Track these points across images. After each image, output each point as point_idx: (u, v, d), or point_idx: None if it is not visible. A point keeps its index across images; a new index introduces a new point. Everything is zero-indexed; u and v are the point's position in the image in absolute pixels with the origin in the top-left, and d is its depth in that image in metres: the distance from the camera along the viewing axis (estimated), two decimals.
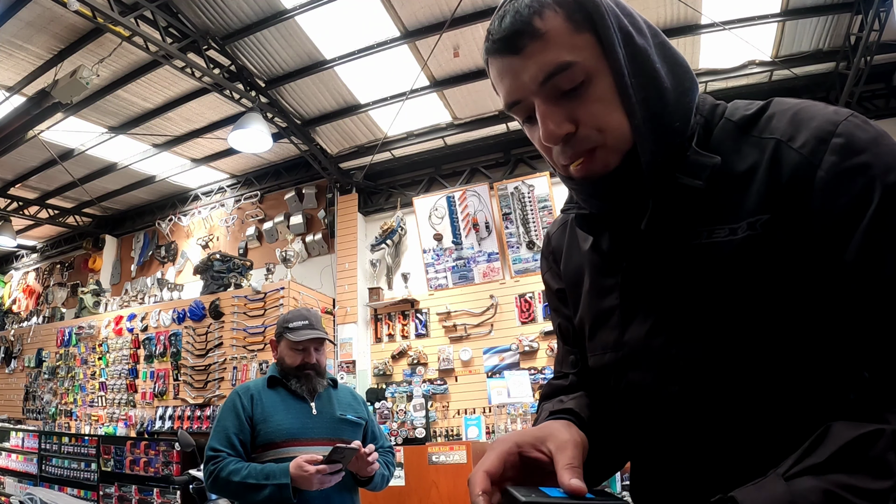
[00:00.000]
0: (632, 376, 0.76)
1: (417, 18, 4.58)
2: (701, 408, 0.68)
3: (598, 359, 0.82)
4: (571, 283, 0.88)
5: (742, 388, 0.66)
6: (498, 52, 0.70)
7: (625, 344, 0.76)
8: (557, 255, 0.93)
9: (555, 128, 0.67)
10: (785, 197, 0.63)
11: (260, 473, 1.92)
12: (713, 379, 0.67)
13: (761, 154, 0.66)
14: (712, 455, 0.68)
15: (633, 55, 0.67)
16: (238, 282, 5.71)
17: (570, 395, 0.85)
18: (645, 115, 0.66)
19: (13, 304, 8.98)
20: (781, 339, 0.63)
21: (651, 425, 0.75)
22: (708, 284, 0.67)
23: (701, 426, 0.69)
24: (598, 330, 0.82)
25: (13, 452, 6.21)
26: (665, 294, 0.71)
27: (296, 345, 2.14)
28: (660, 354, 0.72)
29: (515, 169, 5.95)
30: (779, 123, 0.67)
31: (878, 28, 4.10)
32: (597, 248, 0.82)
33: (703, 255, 0.67)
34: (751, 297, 0.64)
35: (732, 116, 0.71)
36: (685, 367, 0.69)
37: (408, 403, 5.29)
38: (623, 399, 0.79)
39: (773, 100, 0.71)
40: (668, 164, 0.68)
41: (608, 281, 0.79)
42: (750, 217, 0.65)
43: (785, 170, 0.63)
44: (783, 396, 0.64)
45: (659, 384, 0.72)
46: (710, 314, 0.67)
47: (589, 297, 0.83)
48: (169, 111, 5.74)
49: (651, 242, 0.71)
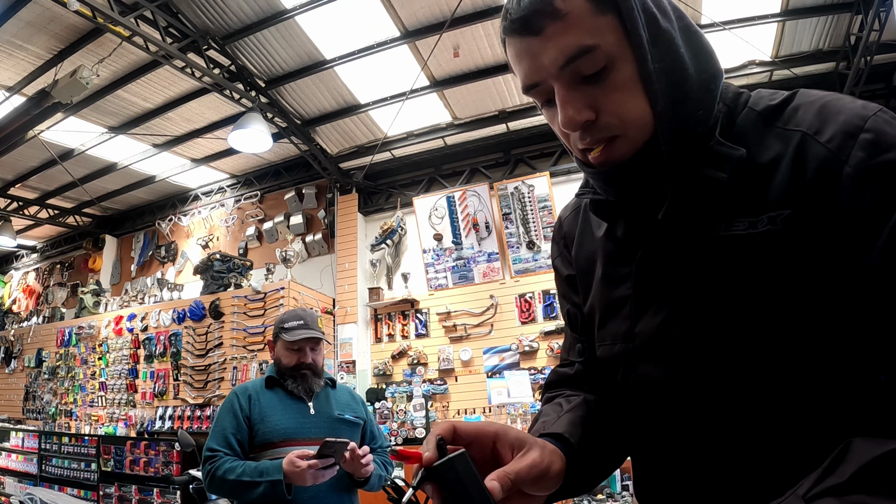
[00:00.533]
0: (642, 369, 0.74)
1: (417, 18, 4.58)
2: (711, 405, 0.67)
3: (608, 349, 0.80)
4: (583, 270, 0.86)
5: (754, 387, 0.64)
6: (516, 32, 0.67)
7: (636, 335, 0.74)
8: (569, 240, 0.91)
9: (575, 114, 0.65)
10: (809, 192, 0.61)
11: (254, 471, 1.92)
12: (725, 376, 0.66)
13: (785, 146, 0.64)
14: (720, 455, 0.66)
15: (656, 38, 0.64)
16: (238, 282, 5.71)
17: (568, 406, 0.81)
18: (667, 103, 0.64)
19: (13, 304, 8.99)
20: (797, 338, 0.62)
21: (658, 421, 0.73)
22: (724, 278, 0.65)
23: (710, 424, 0.67)
24: (608, 319, 0.80)
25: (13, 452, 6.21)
26: (680, 286, 0.69)
27: (291, 345, 2.15)
28: (672, 348, 0.70)
29: (515, 169, 5.95)
30: (805, 115, 0.64)
31: (878, 28, 4.10)
32: (611, 235, 0.79)
33: (721, 247, 0.66)
34: (767, 293, 0.62)
35: (756, 106, 0.69)
36: (697, 362, 0.67)
37: (408, 403, 5.30)
38: (631, 392, 0.77)
39: (798, 91, 0.68)
40: (689, 154, 0.66)
41: (622, 270, 0.77)
42: (771, 211, 0.63)
43: (810, 164, 0.61)
44: (796, 398, 0.62)
45: (669, 379, 0.70)
46: (725, 309, 0.65)
47: (601, 285, 0.81)
48: (169, 111, 5.74)
49: (668, 232, 0.69)
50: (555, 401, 0.87)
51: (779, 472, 0.62)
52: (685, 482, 0.71)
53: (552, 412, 0.81)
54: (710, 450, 0.67)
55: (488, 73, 5.12)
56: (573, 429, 0.74)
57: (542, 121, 5.68)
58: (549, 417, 0.79)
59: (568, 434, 0.72)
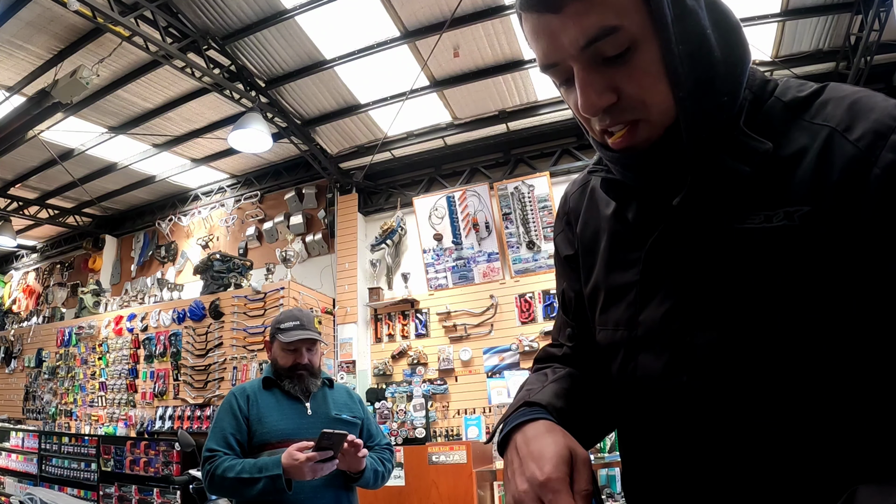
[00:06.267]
0: (642, 359, 0.71)
1: (417, 18, 4.58)
2: (709, 403, 0.64)
3: (609, 334, 0.77)
4: (586, 250, 0.83)
5: (756, 387, 0.61)
6: (534, 8, 0.62)
7: (639, 324, 0.72)
8: (574, 217, 0.87)
9: (596, 99, 0.62)
10: (833, 191, 0.58)
11: (253, 467, 1.92)
12: (726, 373, 0.63)
13: (811, 141, 0.61)
14: (713, 455, 0.64)
15: (681, 17, 0.60)
16: (238, 282, 5.71)
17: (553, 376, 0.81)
18: (691, 88, 0.61)
19: (13, 304, 8.98)
20: (805, 339, 0.59)
21: (652, 415, 0.71)
22: (735, 271, 0.63)
23: (706, 422, 0.65)
24: (612, 304, 0.77)
25: (13, 452, 6.21)
26: (689, 276, 0.67)
27: (287, 345, 2.15)
28: (674, 339, 0.67)
29: (515, 169, 5.94)
30: (835, 111, 0.61)
31: (878, 28, 4.10)
32: (620, 216, 0.76)
33: (735, 240, 0.63)
34: (777, 290, 0.60)
35: (783, 96, 0.66)
36: (699, 356, 0.65)
37: (408, 403, 5.29)
38: (628, 382, 0.74)
39: (828, 84, 0.66)
40: (711, 142, 0.63)
41: (630, 255, 0.74)
42: (789, 206, 0.60)
43: (837, 162, 0.59)
44: (798, 403, 0.60)
45: (668, 371, 0.68)
46: (732, 303, 0.63)
47: (606, 268, 0.78)
48: (169, 111, 5.74)
49: (682, 220, 0.67)
50: (541, 371, 0.86)
51: (775, 477, 0.60)
52: (673, 480, 0.69)
53: (537, 382, 0.81)
54: (704, 448, 0.65)
55: (488, 73, 5.12)
56: (555, 399, 0.74)
57: (542, 121, 5.69)
58: (534, 387, 0.79)
59: (548, 404, 0.72)
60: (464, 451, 4.26)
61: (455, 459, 4.25)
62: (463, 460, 4.23)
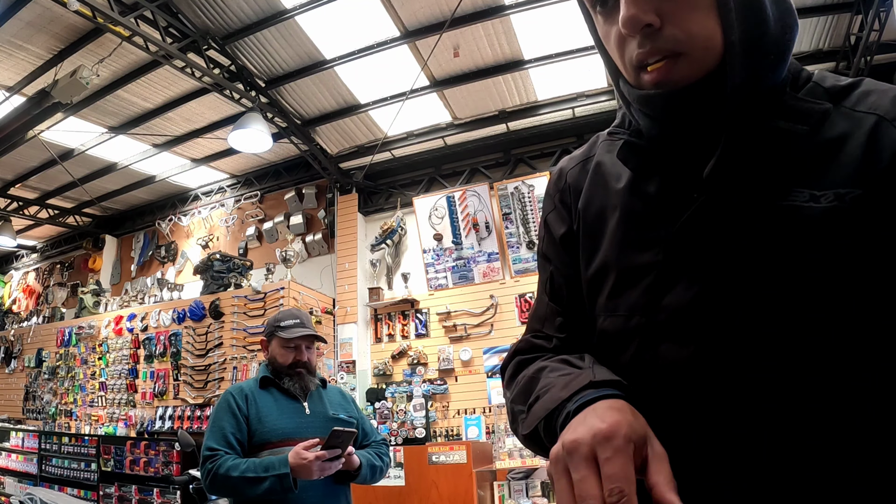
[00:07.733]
0: (664, 349, 0.64)
1: (417, 18, 4.58)
2: (740, 397, 0.59)
3: (618, 322, 0.70)
4: (589, 229, 0.75)
5: (796, 381, 0.57)
6: None
7: (662, 309, 0.65)
8: (572, 193, 0.80)
9: (639, 13, 0.58)
10: (884, 178, 0.57)
11: (259, 466, 1.90)
12: (762, 365, 0.58)
13: (854, 127, 0.61)
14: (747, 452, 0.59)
15: None
16: (238, 282, 5.71)
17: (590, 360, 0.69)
18: (741, 35, 0.58)
19: (13, 304, 8.98)
20: (853, 329, 0.56)
21: (675, 410, 0.63)
22: (777, 253, 0.59)
23: (736, 417, 0.59)
24: (625, 288, 0.69)
25: (13, 452, 6.20)
26: (722, 257, 0.62)
27: (287, 342, 2.15)
28: (704, 327, 0.62)
29: (515, 169, 5.94)
30: (881, 101, 0.61)
31: (878, 28, 4.10)
32: (638, 191, 0.70)
33: (777, 218, 0.60)
34: (823, 275, 0.57)
35: (822, 82, 0.66)
36: (730, 346, 0.60)
37: (408, 403, 5.30)
38: (645, 374, 0.66)
39: (863, 78, 0.66)
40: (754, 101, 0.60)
41: (650, 233, 0.68)
42: (839, 188, 0.58)
43: (888, 150, 0.58)
44: (844, 395, 0.56)
45: (695, 362, 0.62)
46: (772, 288, 0.59)
47: (618, 248, 0.71)
48: (169, 111, 5.74)
49: (714, 193, 0.62)
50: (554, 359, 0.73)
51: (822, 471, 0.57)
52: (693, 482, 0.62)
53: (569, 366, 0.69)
54: (733, 446, 0.60)
55: (488, 73, 5.12)
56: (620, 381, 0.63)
57: (541, 121, 5.69)
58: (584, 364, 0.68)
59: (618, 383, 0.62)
60: (464, 451, 4.26)
61: (455, 459, 4.25)
62: (463, 460, 4.23)
